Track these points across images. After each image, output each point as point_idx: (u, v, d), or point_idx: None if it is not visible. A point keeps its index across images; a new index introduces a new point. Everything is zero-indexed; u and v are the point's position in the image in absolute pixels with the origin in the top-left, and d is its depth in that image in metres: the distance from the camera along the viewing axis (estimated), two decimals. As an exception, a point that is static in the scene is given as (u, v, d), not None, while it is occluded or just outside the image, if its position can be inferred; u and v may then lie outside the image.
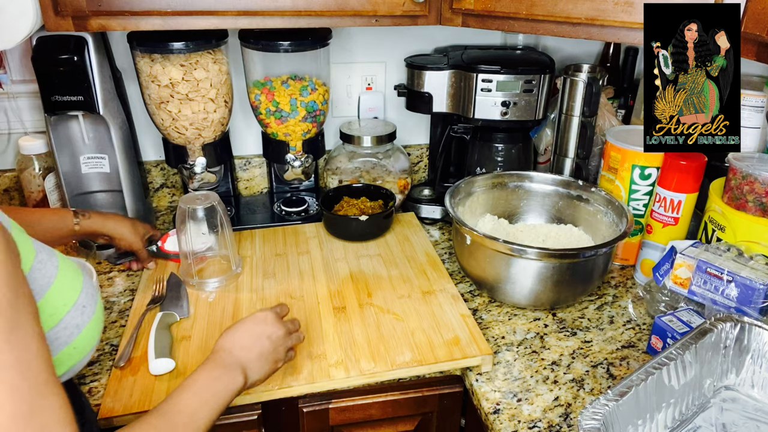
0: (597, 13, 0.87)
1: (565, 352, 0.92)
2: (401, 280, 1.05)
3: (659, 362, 0.71)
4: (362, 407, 0.90)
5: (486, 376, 0.87)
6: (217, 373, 0.67)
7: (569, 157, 1.23)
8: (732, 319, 0.79)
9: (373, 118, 1.40)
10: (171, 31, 0.93)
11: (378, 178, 1.31)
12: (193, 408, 0.61)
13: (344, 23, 0.98)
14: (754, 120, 1.05)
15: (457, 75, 1.21)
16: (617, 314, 1.01)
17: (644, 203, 1.08)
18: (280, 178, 1.32)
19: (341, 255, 1.14)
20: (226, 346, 0.72)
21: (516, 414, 0.80)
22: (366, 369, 0.84)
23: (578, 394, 0.84)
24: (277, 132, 1.17)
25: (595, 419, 0.62)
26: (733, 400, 0.79)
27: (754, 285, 0.81)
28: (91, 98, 1.03)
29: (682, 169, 0.98)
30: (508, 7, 0.94)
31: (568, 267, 0.94)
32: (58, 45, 0.99)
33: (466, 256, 1.02)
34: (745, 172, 0.90)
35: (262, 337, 0.75)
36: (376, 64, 1.37)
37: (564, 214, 1.16)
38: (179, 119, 1.09)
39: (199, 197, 1.00)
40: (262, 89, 1.14)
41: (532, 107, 1.20)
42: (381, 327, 0.93)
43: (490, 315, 1.00)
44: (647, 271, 1.07)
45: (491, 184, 1.17)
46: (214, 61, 1.08)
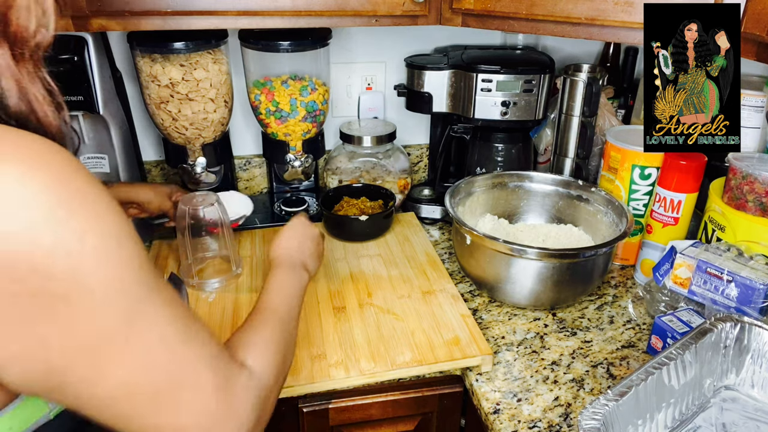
0: (597, 13, 0.87)
1: (565, 352, 0.92)
2: (401, 280, 1.05)
3: (659, 362, 0.71)
4: (362, 407, 0.90)
5: (486, 376, 0.87)
6: (288, 274, 0.76)
7: (569, 157, 1.23)
8: (732, 319, 0.79)
9: (373, 118, 1.40)
10: (171, 31, 0.93)
11: (378, 178, 1.31)
12: (279, 303, 0.69)
13: (344, 23, 0.98)
14: (754, 120, 1.05)
15: (457, 75, 1.21)
16: (617, 314, 1.01)
17: (644, 203, 1.08)
18: (280, 178, 1.32)
19: (341, 255, 1.14)
20: (282, 252, 0.82)
21: (516, 414, 0.80)
22: (366, 369, 0.84)
23: (578, 394, 0.84)
24: (277, 132, 1.17)
25: (595, 419, 0.62)
26: (733, 400, 0.79)
27: (754, 285, 0.81)
28: (91, 98, 1.03)
29: (682, 169, 0.98)
30: (508, 7, 0.94)
31: (568, 267, 0.94)
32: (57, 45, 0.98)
33: (466, 256, 1.02)
34: (745, 172, 0.90)
35: (306, 239, 0.86)
36: (376, 64, 1.37)
37: (564, 214, 1.16)
38: (179, 119, 1.09)
39: (199, 197, 1.00)
40: (262, 89, 1.14)
41: (532, 107, 1.20)
42: (381, 327, 0.93)
43: (490, 315, 1.00)
44: (647, 271, 1.07)
45: (491, 184, 1.17)
46: (214, 61, 1.08)
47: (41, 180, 0.37)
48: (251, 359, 0.55)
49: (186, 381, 0.45)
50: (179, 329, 0.45)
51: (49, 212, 0.36)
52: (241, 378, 0.51)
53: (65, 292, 0.37)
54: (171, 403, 0.44)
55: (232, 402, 0.49)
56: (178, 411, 0.45)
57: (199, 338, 0.47)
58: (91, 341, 0.39)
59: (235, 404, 0.49)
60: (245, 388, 0.51)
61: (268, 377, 0.56)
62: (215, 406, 0.47)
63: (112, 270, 0.39)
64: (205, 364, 0.47)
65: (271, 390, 0.56)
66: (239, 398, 0.50)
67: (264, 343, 0.59)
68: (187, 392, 0.45)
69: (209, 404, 0.46)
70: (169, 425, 0.45)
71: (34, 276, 0.36)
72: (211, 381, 0.47)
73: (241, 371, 0.52)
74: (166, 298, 0.44)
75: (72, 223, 0.37)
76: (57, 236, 0.37)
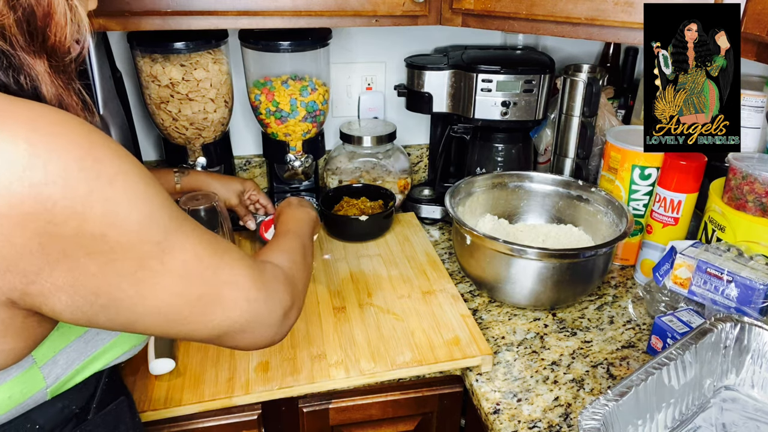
0: (597, 13, 0.87)
1: (565, 352, 0.92)
2: (401, 280, 1.05)
3: (659, 362, 0.71)
4: (362, 407, 0.90)
5: (486, 376, 0.87)
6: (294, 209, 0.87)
7: (569, 157, 1.23)
8: (732, 319, 0.79)
9: (373, 118, 1.40)
10: (171, 31, 0.93)
11: (378, 178, 1.31)
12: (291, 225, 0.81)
13: (344, 23, 0.98)
14: (754, 120, 1.05)
15: (457, 75, 1.21)
16: (617, 314, 1.01)
17: (644, 203, 1.08)
18: (280, 178, 1.32)
19: (341, 255, 1.14)
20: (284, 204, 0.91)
21: (516, 414, 0.80)
22: (366, 369, 0.84)
23: (578, 394, 0.84)
24: (277, 132, 1.17)
25: (595, 419, 0.62)
26: (733, 400, 0.79)
27: (754, 285, 0.81)
28: (91, 98, 1.03)
29: (682, 169, 0.98)
30: (508, 7, 0.94)
31: (568, 267, 0.94)
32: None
33: (466, 256, 1.02)
34: (745, 172, 0.90)
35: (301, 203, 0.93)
36: (376, 64, 1.37)
37: (564, 214, 1.16)
38: (179, 119, 1.09)
39: (200, 197, 1.00)
40: (262, 89, 1.14)
41: (532, 107, 1.20)
42: (381, 327, 0.93)
43: (490, 315, 1.00)
44: (647, 271, 1.07)
45: (491, 184, 1.17)
46: (214, 61, 1.08)
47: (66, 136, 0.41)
48: (273, 257, 0.66)
49: (224, 281, 0.52)
50: (209, 245, 0.51)
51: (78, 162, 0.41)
52: (268, 268, 0.60)
53: (102, 231, 0.42)
54: (216, 302, 0.52)
55: (266, 286, 0.57)
56: (223, 306, 0.52)
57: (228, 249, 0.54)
58: (131, 268, 0.45)
59: (269, 288, 0.57)
60: (274, 273, 0.60)
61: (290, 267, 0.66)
62: (254, 292, 0.55)
63: (142, 206, 0.44)
64: (238, 264, 0.54)
65: (297, 275, 0.66)
66: (271, 283, 0.58)
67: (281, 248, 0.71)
68: (227, 289, 0.52)
69: (249, 293, 0.54)
70: (219, 319, 0.52)
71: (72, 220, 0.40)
72: (245, 274, 0.54)
73: (268, 264, 0.61)
74: (192, 224, 0.51)
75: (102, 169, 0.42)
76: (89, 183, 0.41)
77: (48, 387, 0.51)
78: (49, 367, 0.50)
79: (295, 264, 0.68)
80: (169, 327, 0.50)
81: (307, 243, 0.78)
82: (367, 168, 1.32)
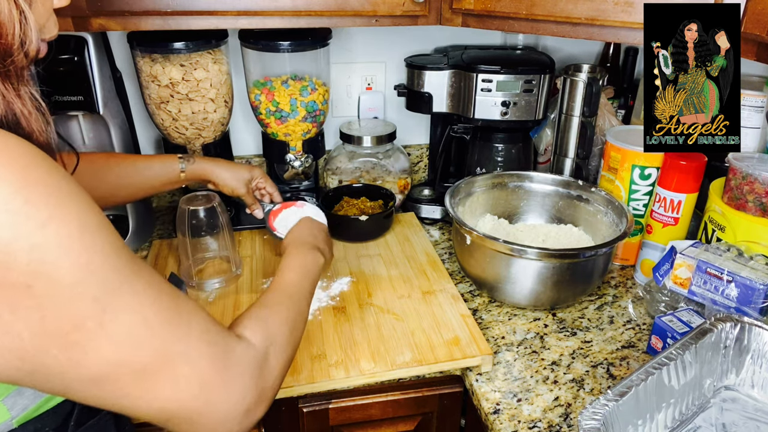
0: (597, 13, 0.87)
1: (565, 352, 0.92)
2: (401, 280, 1.05)
3: (659, 362, 0.71)
4: (362, 407, 0.90)
5: (486, 376, 0.87)
6: (302, 256, 0.79)
7: (569, 157, 1.23)
8: (732, 319, 0.79)
9: (373, 118, 1.40)
10: (171, 31, 0.93)
11: (378, 178, 1.31)
12: (295, 281, 0.71)
13: (344, 23, 0.98)
14: (754, 120, 1.05)
15: (457, 75, 1.21)
16: (617, 314, 1.01)
17: (644, 203, 1.08)
18: (280, 178, 1.32)
19: (341, 255, 1.14)
20: (296, 240, 0.85)
21: (516, 414, 0.80)
22: (366, 369, 0.84)
23: (578, 394, 0.84)
24: (277, 132, 1.17)
25: (595, 419, 0.62)
26: (733, 400, 0.79)
27: (754, 285, 0.81)
28: (91, 98, 1.03)
29: (682, 169, 0.98)
30: (508, 7, 0.94)
31: (568, 267, 0.93)
32: (58, 45, 0.99)
33: (466, 256, 1.02)
34: (745, 172, 0.90)
35: (315, 229, 0.90)
36: (376, 64, 1.37)
37: (564, 214, 1.16)
38: (179, 119, 1.09)
39: (200, 197, 1.00)
40: (262, 89, 1.14)
41: (532, 107, 1.20)
42: (381, 327, 0.93)
43: (490, 315, 1.00)
44: (647, 271, 1.07)
45: (491, 184, 1.17)
46: (214, 61, 1.08)
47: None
48: (249, 332, 0.55)
49: (176, 355, 0.45)
50: (165, 309, 0.44)
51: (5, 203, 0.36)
52: (238, 348, 0.51)
53: (28, 281, 0.37)
54: (163, 379, 0.44)
55: (229, 371, 0.48)
56: (172, 384, 0.45)
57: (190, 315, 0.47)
58: (62, 328, 0.39)
59: (232, 373, 0.49)
60: (242, 357, 0.51)
61: (267, 349, 0.55)
62: (211, 375, 0.47)
63: (77, 257, 0.39)
64: (197, 337, 0.47)
65: (273, 362, 0.55)
66: (236, 367, 0.49)
67: (266, 317, 0.59)
68: (179, 366, 0.45)
69: (204, 374, 0.46)
70: (164, 399, 0.45)
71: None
72: (205, 352, 0.47)
73: (238, 342, 0.52)
74: (148, 281, 0.44)
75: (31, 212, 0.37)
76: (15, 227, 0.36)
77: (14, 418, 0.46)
78: (13, 398, 0.45)
79: (276, 344, 0.56)
80: (106, 399, 0.44)
81: (304, 307, 0.69)
82: (367, 168, 1.32)
